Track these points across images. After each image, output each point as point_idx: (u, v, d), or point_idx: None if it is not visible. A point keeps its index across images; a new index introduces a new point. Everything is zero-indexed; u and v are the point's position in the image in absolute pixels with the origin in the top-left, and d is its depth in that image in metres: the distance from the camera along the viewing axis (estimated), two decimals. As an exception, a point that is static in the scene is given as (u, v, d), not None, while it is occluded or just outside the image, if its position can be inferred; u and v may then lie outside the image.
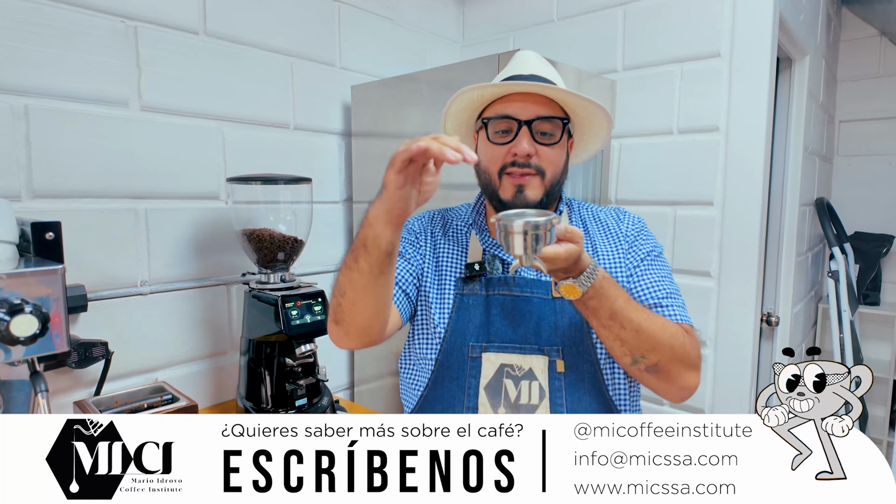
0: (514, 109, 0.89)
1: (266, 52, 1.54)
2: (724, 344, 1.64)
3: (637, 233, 0.98)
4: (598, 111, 0.91)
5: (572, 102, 0.90)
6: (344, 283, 0.83)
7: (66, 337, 0.85)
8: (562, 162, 0.92)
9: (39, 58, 1.14)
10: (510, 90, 0.90)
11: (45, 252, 0.93)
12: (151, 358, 1.35)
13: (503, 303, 0.92)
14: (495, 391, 0.87)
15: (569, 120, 0.92)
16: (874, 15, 2.62)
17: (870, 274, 2.74)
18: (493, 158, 0.91)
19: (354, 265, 0.80)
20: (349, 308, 0.84)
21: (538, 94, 0.89)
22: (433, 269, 0.98)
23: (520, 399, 0.87)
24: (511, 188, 0.89)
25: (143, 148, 1.31)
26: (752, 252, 1.58)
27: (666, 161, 1.70)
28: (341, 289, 0.84)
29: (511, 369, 0.88)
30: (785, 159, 2.10)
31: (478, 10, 2.16)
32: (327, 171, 1.76)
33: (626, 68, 1.77)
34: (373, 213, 0.77)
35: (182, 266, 1.40)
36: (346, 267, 0.82)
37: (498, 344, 0.89)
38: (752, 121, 1.55)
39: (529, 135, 0.88)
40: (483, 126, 0.93)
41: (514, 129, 0.88)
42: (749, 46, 1.54)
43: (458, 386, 0.90)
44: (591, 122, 0.94)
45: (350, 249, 0.83)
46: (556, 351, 0.88)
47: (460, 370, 0.90)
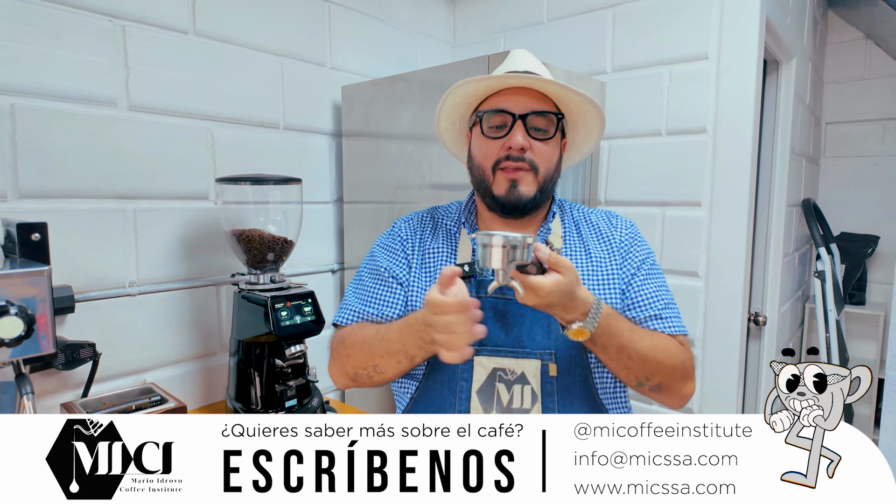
0: (508, 104, 0.90)
1: (256, 51, 1.54)
2: (712, 343, 1.66)
3: (631, 240, 0.99)
4: (592, 107, 0.92)
5: (566, 98, 0.91)
6: (387, 370, 0.89)
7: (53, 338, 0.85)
8: (555, 159, 0.93)
9: (26, 56, 1.13)
10: (505, 83, 0.91)
11: (32, 253, 0.93)
12: (140, 359, 1.34)
13: (496, 306, 0.91)
14: (487, 395, 0.87)
15: (563, 116, 0.92)
16: (860, 18, 2.66)
17: (855, 274, 2.78)
18: (488, 153, 0.91)
19: (406, 362, 0.86)
20: (379, 380, 0.92)
21: (532, 89, 0.90)
22: (420, 270, 0.98)
23: (512, 403, 0.87)
24: (505, 183, 0.90)
25: (131, 148, 1.30)
26: (739, 252, 1.60)
27: (654, 162, 1.72)
28: (379, 369, 0.89)
29: (503, 373, 0.88)
30: (772, 160, 2.12)
31: (469, 11, 2.16)
32: (318, 171, 1.75)
33: (615, 70, 1.78)
34: (425, 350, 0.82)
35: (171, 267, 1.39)
36: (395, 361, 0.87)
37: (490, 347, 0.89)
38: (739, 122, 1.57)
39: (524, 129, 0.88)
40: (477, 122, 0.93)
41: (509, 123, 0.89)
42: (736, 49, 1.56)
43: (449, 389, 0.90)
44: (583, 118, 0.95)
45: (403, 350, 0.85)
46: (548, 355, 0.88)
47: (451, 373, 0.90)
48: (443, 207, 1.08)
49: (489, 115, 0.91)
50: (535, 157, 0.89)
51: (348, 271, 1.82)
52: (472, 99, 0.96)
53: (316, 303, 1.31)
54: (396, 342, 0.85)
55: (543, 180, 0.91)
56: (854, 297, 2.79)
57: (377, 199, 1.68)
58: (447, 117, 1.01)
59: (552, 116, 0.90)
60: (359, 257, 1.76)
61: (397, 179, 1.62)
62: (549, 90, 0.90)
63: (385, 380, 0.90)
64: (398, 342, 0.85)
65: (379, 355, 0.88)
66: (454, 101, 0.96)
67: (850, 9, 2.65)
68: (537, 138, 0.89)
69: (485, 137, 0.91)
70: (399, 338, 0.85)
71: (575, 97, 0.90)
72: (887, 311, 2.67)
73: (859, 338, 2.85)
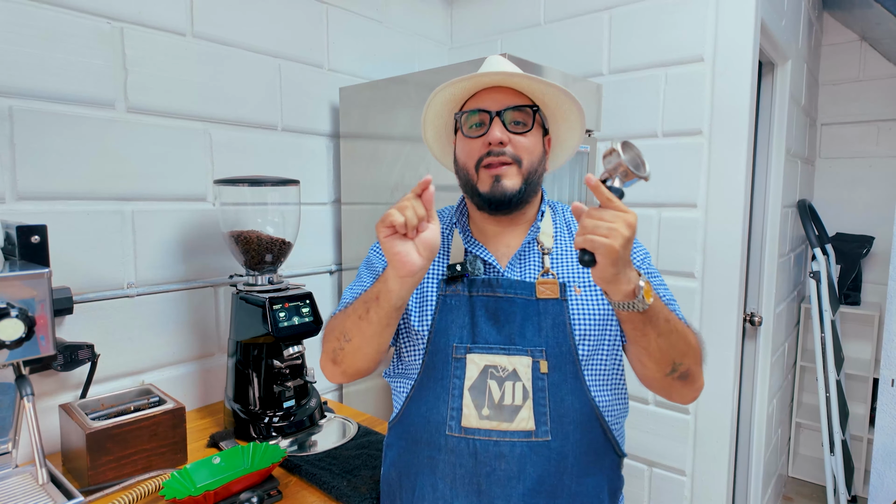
0: (485, 103, 0.93)
1: (254, 53, 1.54)
2: (708, 344, 1.66)
3: None
4: (566, 98, 0.94)
5: (539, 90, 0.93)
6: (351, 330, 0.89)
7: (52, 340, 0.85)
8: (538, 150, 0.94)
9: (23, 59, 1.14)
10: (479, 83, 0.93)
11: (31, 255, 0.93)
12: (138, 360, 1.35)
13: (487, 304, 0.92)
14: (479, 392, 0.88)
15: (538, 108, 0.95)
16: (855, 20, 2.68)
17: (851, 274, 2.79)
18: (470, 153, 0.93)
19: (365, 315, 0.86)
20: (352, 353, 0.90)
21: (508, 87, 0.93)
22: None
23: (503, 400, 0.88)
24: (489, 179, 0.91)
25: (129, 149, 1.30)
26: (735, 253, 1.61)
27: (650, 163, 1.72)
28: (346, 335, 0.90)
29: (495, 370, 0.89)
30: (767, 162, 2.13)
31: (466, 13, 2.17)
32: (315, 172, 1.76)
33: (611, 72, 1.79)
34: (388, 272, 0.82)
35: (169, 268, 1.40)
36: (356, 316, 0.88)
37: (482, 345, 0.90)
38: (734, 124, 1.58)
39: (502, 124, 0.90)
40: (459, 125, 0.96)
41: (487, 121, 0.91)
42: (732, 51, 1.57)
43: (442, 387, 0.91)
44: (561, 111, 0.97)
45: (362, 300, 0.88)
46: (539, 352, 0.89)
47: (444, 371, 0.91)
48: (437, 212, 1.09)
49: (468, 116, 0.94)
50: (516, 151, 0.91)
51: (346, 272, 1.82)
52: (451, 105, 0.98)
53: (314, 304, 1.31)
54: (365, 296, 0.87)
55: (528, 172, 0.92)
56: (849, 297, 2.81)
57: (375, 201, 1.69)
58: (432, 126, 1.03)
59: (528, 109, 0.93)
60: (356, 258, 1.76)
61: (395, 180, 1.62)
62: (522, 84, 0.92)
63: (354, 348, 0.89)
64: (367, 294, 0.87)
65: (348, 318, 0.90)
66: (435, 108, 0.99)
67: (845, 11, 2.67)
68: (516, 132, 0.91)
69: (466, 138, 0.94)
70: (367, 292, 0.87)
71: (548, 89, 0.92)
72: (882, 311, 2.69)
73: (854, 338, 2.87)
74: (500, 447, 0.86)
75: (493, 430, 0.87)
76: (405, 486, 0.94)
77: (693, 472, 1.73)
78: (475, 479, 0.87)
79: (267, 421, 1.27)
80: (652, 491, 1.81)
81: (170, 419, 1.12)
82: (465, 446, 0.87)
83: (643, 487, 1.83)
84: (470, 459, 0.87)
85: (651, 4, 1.69)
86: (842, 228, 2.88)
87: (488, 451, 0.86)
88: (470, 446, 0.87)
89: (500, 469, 0.86)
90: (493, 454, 0.86)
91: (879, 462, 2.14)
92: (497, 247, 0.97)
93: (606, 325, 0.93)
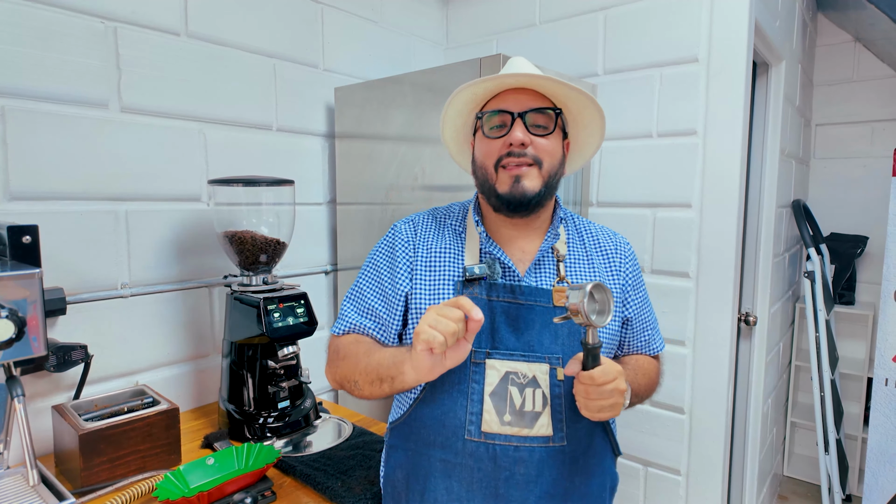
0: (507, 104, 0.92)
1: (249, 53, 1.54)
2: (703, 343, 1.67)
3: (632, 269, 1.04)
4: (590, 104, 0.93)
5: (564, 94, 0.92)
6: (362, 384, 0.91)
7: (44, 341, 0.85)
8: (558, 153, 0.94)
9: (16, 58, 1.13)
10: (502, 84, 0.92)
11: (23, 256, 0.93)
12: (132, 361, 1.34)
13: (508, 310, 0.92)
14: (501, 398, 0.88)
15: (561, 111, 0.94)
16: (849, 21, 2.69)
17: (845, 274, 2.80)
18: (489, 153, 0.92)
19: (378, 384, 0.88)
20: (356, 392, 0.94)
21: (531, 89, 0.92)
22: (426, 271, 0.97)
23: (524, 406, 0.88)
24: (508, 179, 0.90)
25: (123, 149, 1.30)
26: (729, 253, 1.61)
27: (645, 164, 1.73)
28: (357, 385, 0.92)
29: (516, 376, 0.89)
30: (762, 162, 2.14)
31: (461, 13, 2.17)
32: (310, 172, 1.76)
33: (606, 72, 1.80)
34: (409, 364, 0.82)
35: (163, 268, 1.39)
36: (368, 380, 0.90)
37: (503, 351, 0.90)
38: (729, 124, 1.58)
39: (524, 125, 0.90)
40: (479, 125, 0.95)
41: (509, 122, 0.91)
42: (726, 52, 1.57)
43: (459, 391, 0.90)
44: (583, 116, 0.97)
45: (374, 368, 0.89)
46: (556, 359, 0.90)
47: (462, 375, 0.90)
48: (443, 208, 1.08)
49: (490, 116, 0.93)
50: (537, 152, 0.90)
51: (341, 272, 1.82)
52: (472, 105, 0.97)
53: (308, 304, 1.31)
54: (382, 367, 0.88)
55: (548, 175, 0.92)
56: (843, 297, 2.82)
57: (370, 201, 1.69)
58: (451, 125, 1.02)
59: (550, 112, 0.92)
60: (352, 258, 1.76)
61: (390, 181, 1.62)
62: (547, 87, 0.92)
63: (363, 396, 0.92)
64: (384, 367, 0.87)
65: (360, 373, 0.91)
66: (456, 107, 0.98)
67: (839, 12, 2.68)
68: (538, 134, 0.91)
69: (486, 138, 0.93)
70: (385, 363, 0.87)
71: (572, 93, 0.92)
72: (876, 311, 2.70)
73: (849, 337, 2.88)
74: (519, 452, 0.87)
75: (513, 435, 0.88)
76: (413, 488, 0.94)
77: (688, 472, 1.73)
78: (493, 483, 0.87)
79: (262, 421, 1.27)
80: (647, 490, 1.82)
81: (164, 420, 1.12)
82: (485, 451, 0.88)
83: (638, 487, 1.83)
84: (489, 464, 0.87)
85: (646, 5, 1.70)
86: (836, 228, 2.89)
87: (508, 456, 0.87)
88: (489, 451, 0.88)
89: (518, 473, 0.87)
90: (513, 459, 0.87)
91: (874, 461, 2.15)
92: (512, 250, 0.97)
93: (615, 334, 1.00)
